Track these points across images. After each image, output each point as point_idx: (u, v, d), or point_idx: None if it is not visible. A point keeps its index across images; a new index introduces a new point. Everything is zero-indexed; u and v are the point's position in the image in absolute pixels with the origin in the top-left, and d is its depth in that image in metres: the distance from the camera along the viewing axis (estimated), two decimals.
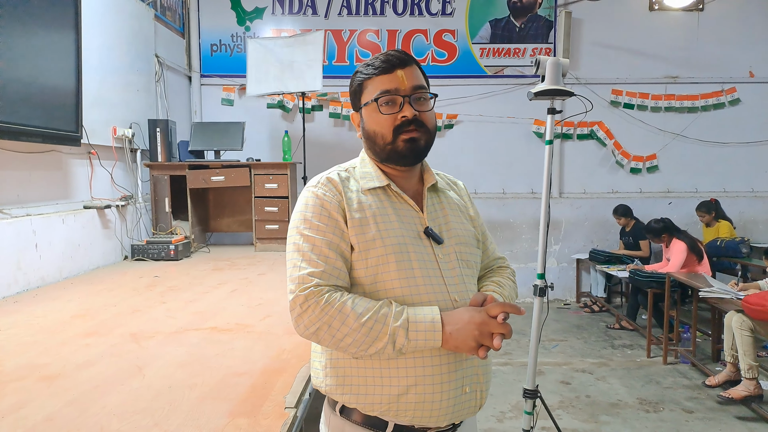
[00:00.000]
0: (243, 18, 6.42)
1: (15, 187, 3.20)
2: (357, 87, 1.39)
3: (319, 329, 1.20)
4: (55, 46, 3.26)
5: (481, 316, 1.21)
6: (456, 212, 1.46)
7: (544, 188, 2.96)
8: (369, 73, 1.36)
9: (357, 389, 1.28)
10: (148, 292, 3.08)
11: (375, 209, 1.32)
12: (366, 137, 1.39)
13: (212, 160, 5.00)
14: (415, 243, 1.32)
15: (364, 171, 1.40)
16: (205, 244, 5.19)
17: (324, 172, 1.39)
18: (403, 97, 1.32)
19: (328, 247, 1.26)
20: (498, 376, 4.34)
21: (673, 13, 6.52)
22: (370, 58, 1.39)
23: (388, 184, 1.37)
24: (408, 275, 1.28)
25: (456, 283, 1.33)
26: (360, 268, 1.28)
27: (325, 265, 1.24)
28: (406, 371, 1.25)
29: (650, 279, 5.04)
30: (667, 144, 6.61)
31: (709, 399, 3.89)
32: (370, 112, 1.35)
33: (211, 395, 1.65)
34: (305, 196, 1.35)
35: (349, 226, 1.29)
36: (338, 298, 1.20)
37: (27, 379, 1.78)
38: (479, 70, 6.56)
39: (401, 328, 1.19)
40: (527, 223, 6.65)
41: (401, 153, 1.33)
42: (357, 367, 1.27)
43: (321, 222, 1.29)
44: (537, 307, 2.97)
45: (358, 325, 1.18)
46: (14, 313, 2.63)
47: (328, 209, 1.29)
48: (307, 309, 1.19)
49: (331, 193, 1.32)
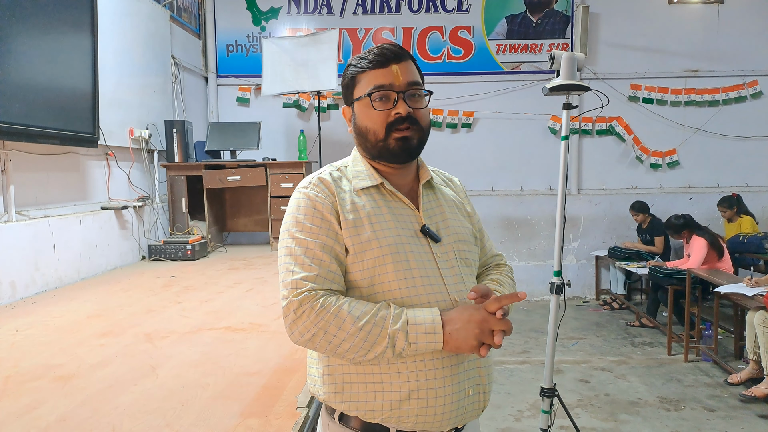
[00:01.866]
0: (258, 18, 6.44)
1: (33, 188, 3.24)
2: (349, 80, 1.34)
3: (315, 335, 1.15)
4: (72, 49, 3.30)
5: (480, 313, 1.17)
6: (453, 209, 1.42)
7: (560, 184, 2.92)
8: (362, 66, 1.31)
9: (357, 396, 1.23)
10: (163, 292, 3.10)
11: (369, 209, 1.28)
12: (357, 133, 1.34)
13: (228, 160, 5.02)
14: (412, 242, 1.28)
15: (356, 170, 1.35)
16: (222, 243, 5.21)
17: (315, 172, 1.34)
18: (398, 93, 1.28)
19: (321, 250, 1.22)
20: (516, 374, 4.30)
21: (692, 5, 6.41)
22: (364, 51, 1.33)
23: (381, 183, 1.32)
24: (406, 276, 1.23)
25: (455, 282, 1.29)
26: (356, 271, 1.24)
27: (319, 269, 1.20)
28: (407, 376, 1.20)
29: (670, 276, 4.96)
30: (687, 139, 6.50)
31: (731, 397, 3.82)
32: (363, 107, 1.31)
33: (223, 395, 1.65)
34: (296, 197, 1.30)
35: (343, 228, 1.24)
36: (334, 303, 1.16)
37: (42, 379, 1.79)
38: (496, 66, 6.51)
39: (401, 330, 1.14)
40: (545, 220, 6.59)
41: (393, 151, 1.29)
42: (356, 373, 1.23)
43: (314, 224, 1.24)
44: (554, 305, 2.94)
45: (355, 329, 1.14)
46: (32, 313, 2.66)
47: (321, 211, 1.25)
48: (302, 315, 1.15)
49: (323, 194, 1.27)
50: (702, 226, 5.18)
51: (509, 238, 6.62)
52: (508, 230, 6.63)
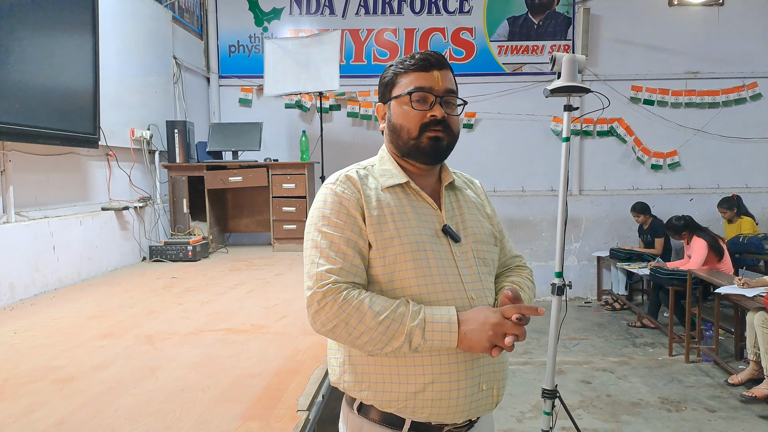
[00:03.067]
0: (261, 19, 6.44)
1: (33, 189, 3.23)
2: (390, 78, 1.40)
3: (336, 326, 1.20)
4: (73, 49, 3.29)
5: (496, 316, 1.22)
6: (473, 210, 1.47)
7: (561, 185, 2.92)
8: (405, 67, 1.37)
9: (375, 386, 1.29)
10: (165, 293, 3.10)
11: (393, 207, 1.33)
12: (390, 129, 1.39)
13: (230, 160, 5.02)
14: (432, 241, 1.33)
15: (383, 168, 1.40)
16: (224, 244, 5.21)
17: (342, 170, 1.39)
18: (436, 96, 1.34)
19: (346, 244, 1.27)
20: (518, 375, 4.29)
21: (692, 7, 6.40)
22: (407, 55, 1.40)
23: (407, 182, 1.37)
24: (425, 273, 1.28)
25: (473, 281, 1.34)
26: (377, 266, 1.29)
27: (343, 262, 1.25)
28: (423, 369, 1.25)
29: (672, 276, 4.95)
30: (688, 140, 6.49)
31: (732, 398, 3.81)
32: (400, 105, 1.36)
33: (224, 397, 1.64)
34: (324, 193, 1.35)
35: (367, 224, 1.29)
36: (356, 296, 1.21)
37: (41, 382, 1.79)
38: (497, 67, 6.50)
39: (418, 327, 1.19)
40: (547, 221, 6.58)
41: (423, 150, 1.35)
42: (374, 364, 1.28)
43: (339, 219, 1.29)
44: (555, 306, 2.93)
45: (375, 323, 1.19)
46: (32, 315, 2.65)
47: (347, 206, 1.30)
48: (325, 306, 1.20)
49: (349, 191, 1.32)
50: (702, 227, 5.17)
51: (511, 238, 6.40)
52: (510, 231, 6.62)
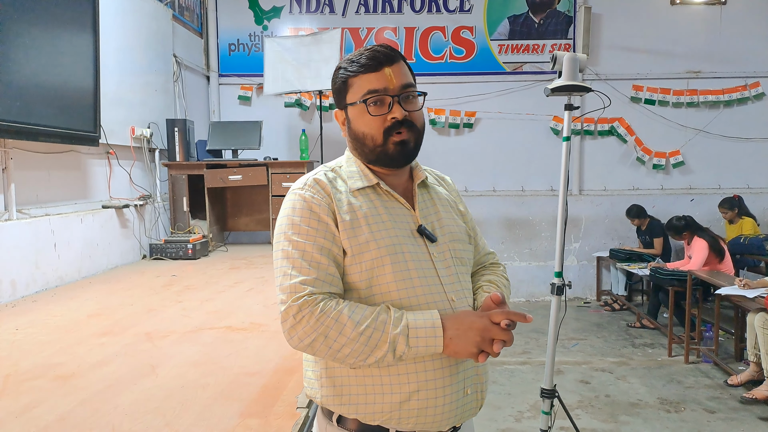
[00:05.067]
0: (261, 17, 6.44)
1: (34, 187, 3.23)
2: (341, 84, 1.30)
3: (315, 341, 1.13)
4: (74, 47, 3.29)
5: (483, 321, 1.15)
6: (447, 208, 1.40)
7: (561, 185, 2.92)
8: (354, 70, 1.27)
9: (356, 398, 1.21)
10: (164, 292, 3.10)
11: (366, 210, 1.25)
12: (353, 138, 1.31)
13: (230, 159, 5.02)
14: (409, 243, 1.26)
15: (350, 170, 1.32)
16: (223, 243, 5.21)
17: (309, 173, 1.31)
18: (392, 97, 1.25)
19: (319, 252, 1.19)
20: (516, 375, 4.30)
21: (694, 6, 6.40)
22: (354, 53, 1.29)
23: (377, 183, 1.29)
24: (404, 277, 1.22)
25: (452, 282, 1.28)
26: (354, 273, 1.22)
27: (317, 272, 1.18)
28: (407, 377, 1.19)
29: (672, 277, 4.96)
30: (689, 140, 6.49)
31: (732, 399, 3.81)
32: (358, 112, 1.27)
33: (223, 395, 1.65)
34: (291, 199, 1.26)
35: (340, 230, 1.22)
36: (334, 307, 1.13)
37: (42, 379, 1.79)
38: (498, 66, 6.50)
39: (401, 335, 1.13)
40: (546, 221, 6.58)
41: (391, 156, 1.27)
42: (355, 376, 1.21)
43: (310, 226, 1.21)
44: (555, 306, 2.93)
45: (356, 334, 1.12)
46: (32, 312, 2.66)
47: (317, 212, 1.22)
48: (301, 320, 1.13)
49: (319, 195, 1.24)
50: (703, 227, 5.17)
51: (510, 238, 6.62)
52: (509, 231, 6.62)
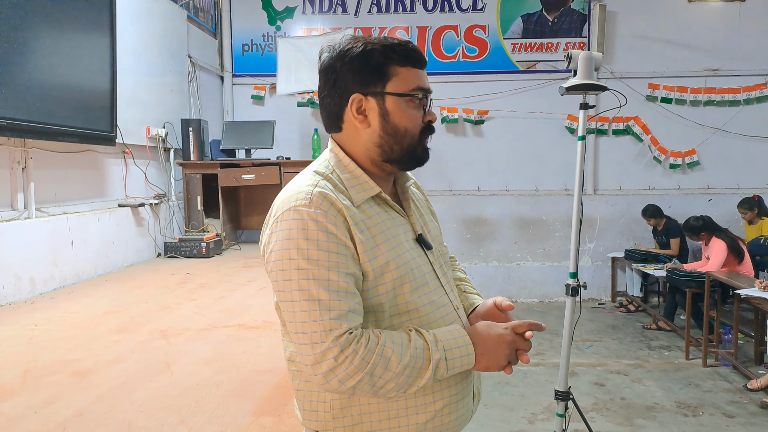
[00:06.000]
0: (274, 18, 6.46)
1: (52, 186, 3.27)
2: (379, 67, 1.14)
3: (361, 381, 1.01)
4: (91, 48, 3.33)
5: (509, 333, 1.14)
6: (426, 210, 1.34)
7: (576, 185, 2.89)
8: (401, 60, 1.15)
9: (378, 425, 1.12)
10: (178, 289, 3.12)
11: (374, 225, 1.13)
12: (387, 132, 1.15)
13: (243, 158, 5.04)
14: (415, 255, 1.18)
15: (346, 177, 1.16)
16: (236, 241, 5.23)
17: (304, 186, 1.11)
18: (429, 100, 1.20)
19: (345, 280, 1.05)
20: (530, 376, 4.27)
21: (712, 3, 6.32)
22: (385, 38, 1.16)
23: (378, 192, 1.16)
24: (421, 293, 1.15)
25: (451, 288, 1.25)
26: (375, 296, 1.10)
27: (348, 304, 1.04)
28: (433, 396, 1.13)
29: (689, 278, 4.90)
30: (707, 139, 6.40)
31: (751, 403, 3.76)
32: (402, 105, 1.15)
33: (237, 393, 1.65)
34: (298, 220, 1.06)
35: (359, 252, 1.08)
36: (375, 342, 1.03)
37: (59, 374, 1.81)
38: (511, 65, 6.47)
39: (441, 359, 1.07)
40: (560, 221, 6.53)
41: (418, 157, 1.19)
42: (377, 403, 1.11)
43: (330, 251, 1.04)
44: (569, 307, 2.91)
45: (401, 367, 1.03)
46: (50, 308, 2.69)
47: (335, 233, 1.05)
48: (344, 361, 1.00)
49: (332, 214, 1.06)
50: (722, 228, 5.10)
51: (523, 238, 6.58)
52: (523, 230, 6.59)
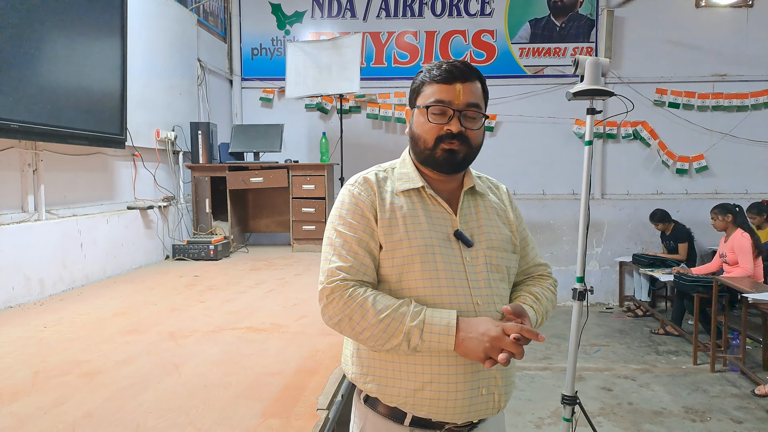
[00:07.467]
0: (283, 22, 6.50)
1: (62, 188, 3.30)
2: (417, 86, 1.43)
3: (341, 320, 1.28)
4: (102, 52, 3.36)
5: (496, 330, 1.22)
6: (492, 216, 1.47)
7: (584, 189, 2.90)
8: (430, 78, 1.38)
9: (379, 380, 1.35)
10: (187, 291, 3.14)
11: (406, 210, 1.37)
12: (410, 137, 1.44)
13: (251, 161, 5.06)
14: (442, 245, 1.36)
15: (402, 172, 1.45)
16: (244, 244, 5.26)
17: (363, 171, 1.45)
18: (455, 111, 1.35)
19: (357, 244, 1.34)
20: (537, 381, 4.27)
21: (720, 9, 6.30)
22: (437, 62, 1.40)
23: (422, 186, 1.40)
24: (432, 276, 1.32)
25: (481, 287, 1.36)
26: (387, 266, 1.35)
27: (353, 261, 1.32)
28: (422, 368, 1.31)
29: (696, 283, 4.88)
30: (714, 144, 6.39)
31: (759, 409, 3.74)
32: (420, 115, 1.39)
33: (245, 394, 1.66)
34: (343, 194, 1.42)
35: (379, 226, 1.35)
36: (361, 294, 1.28)
37: (69, 375, 1.83)
38: (519, 70, 6.47)
39: (416, 328, 1.25)
40: (568, 225, 6.52)
41: (437, 161, 1.37)
42: (378, 359, 1.35)
43: (354, 220, 1.36)
44: (576, 311, 2.91)
45: (376, 320, 1.25)
46: (59, 310, 2.71)
47: (362, 208, 1.36)
48: (332, 301, 1.28)
49: (366, 193, 1.38)
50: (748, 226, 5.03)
51: None
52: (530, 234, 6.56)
